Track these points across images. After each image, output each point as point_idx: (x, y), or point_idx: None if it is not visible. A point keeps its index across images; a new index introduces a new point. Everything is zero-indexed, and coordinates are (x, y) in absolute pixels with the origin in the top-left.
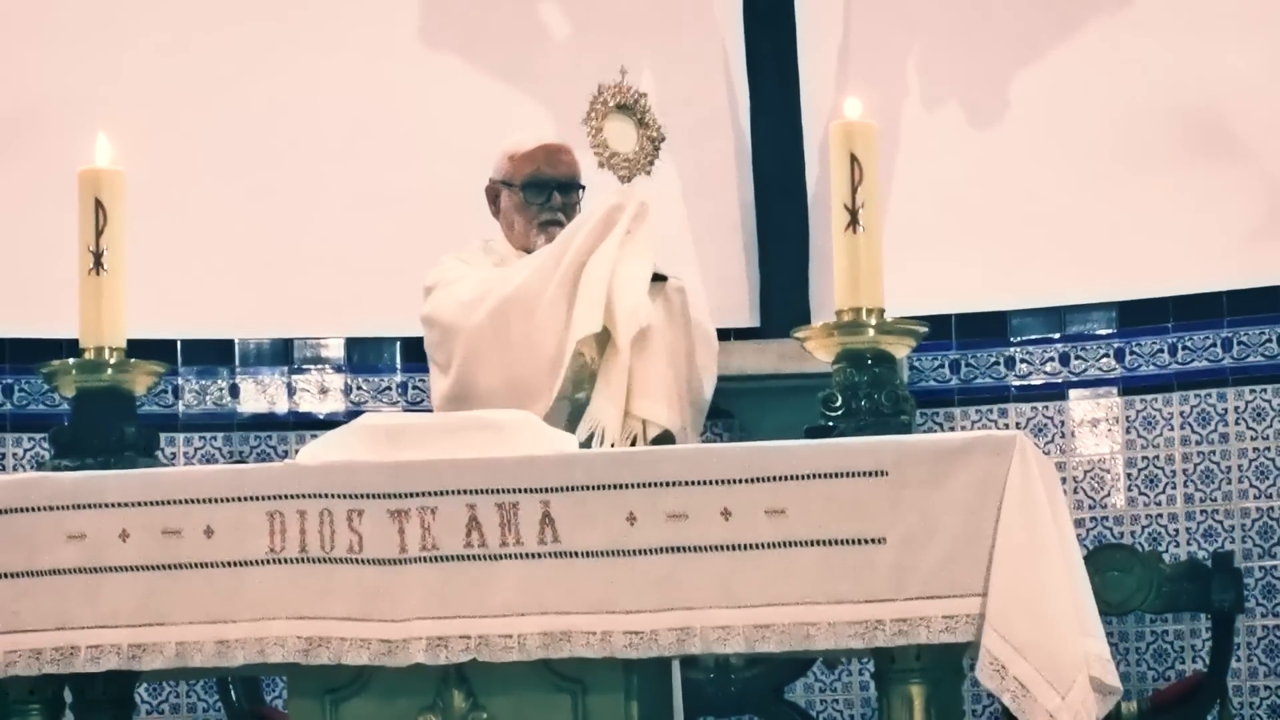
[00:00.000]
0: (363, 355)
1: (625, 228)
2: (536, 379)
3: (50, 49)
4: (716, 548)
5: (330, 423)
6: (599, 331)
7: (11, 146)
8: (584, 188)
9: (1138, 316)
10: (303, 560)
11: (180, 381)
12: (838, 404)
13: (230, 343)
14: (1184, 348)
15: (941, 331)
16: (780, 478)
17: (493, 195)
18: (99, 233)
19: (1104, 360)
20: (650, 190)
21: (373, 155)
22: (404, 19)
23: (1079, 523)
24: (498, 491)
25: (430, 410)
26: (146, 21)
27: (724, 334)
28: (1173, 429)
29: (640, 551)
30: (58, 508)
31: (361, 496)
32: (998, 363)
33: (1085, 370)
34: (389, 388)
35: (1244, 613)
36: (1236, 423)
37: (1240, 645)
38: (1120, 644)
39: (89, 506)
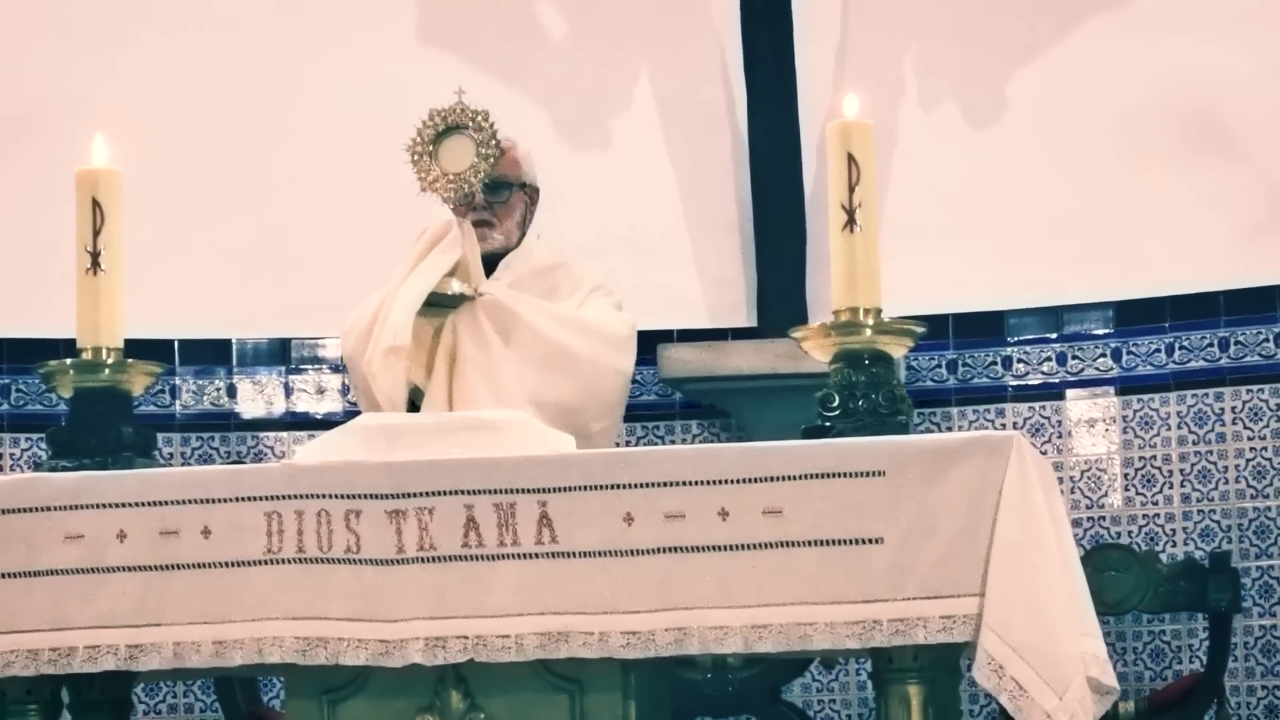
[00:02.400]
0: None
1: (421, 250)
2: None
3: (47, 49)
4: (714, 548)
5: (328, 423)
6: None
7: (9, 147)
8: (525, 186)
9: (1135, 316)
10: (300, 560)
11: (177, 381)
12: (835, 404)
13: (228, 343)
14: (1181, 347)
15: (939, 331)
16: (777, 478)
17: None
18: (96, 233)
19: (1101, 360)
20: (648, 189)
21: (370, 155)
22: (401, 18)
23: (1076, 522)
24: (495, 492)
25: None
26: (143, 21)
27: (721, 334)
28: (1170, 429)
29: (638, 552)
30: (55, 508)
31: (359, 497)
32: (995, 362)
33: (1082, 370)
34: None
35: (1241, 613)
36: (1234, 422)
37: (1237, 645)
38: (1117, 644)
39: (86, 507)
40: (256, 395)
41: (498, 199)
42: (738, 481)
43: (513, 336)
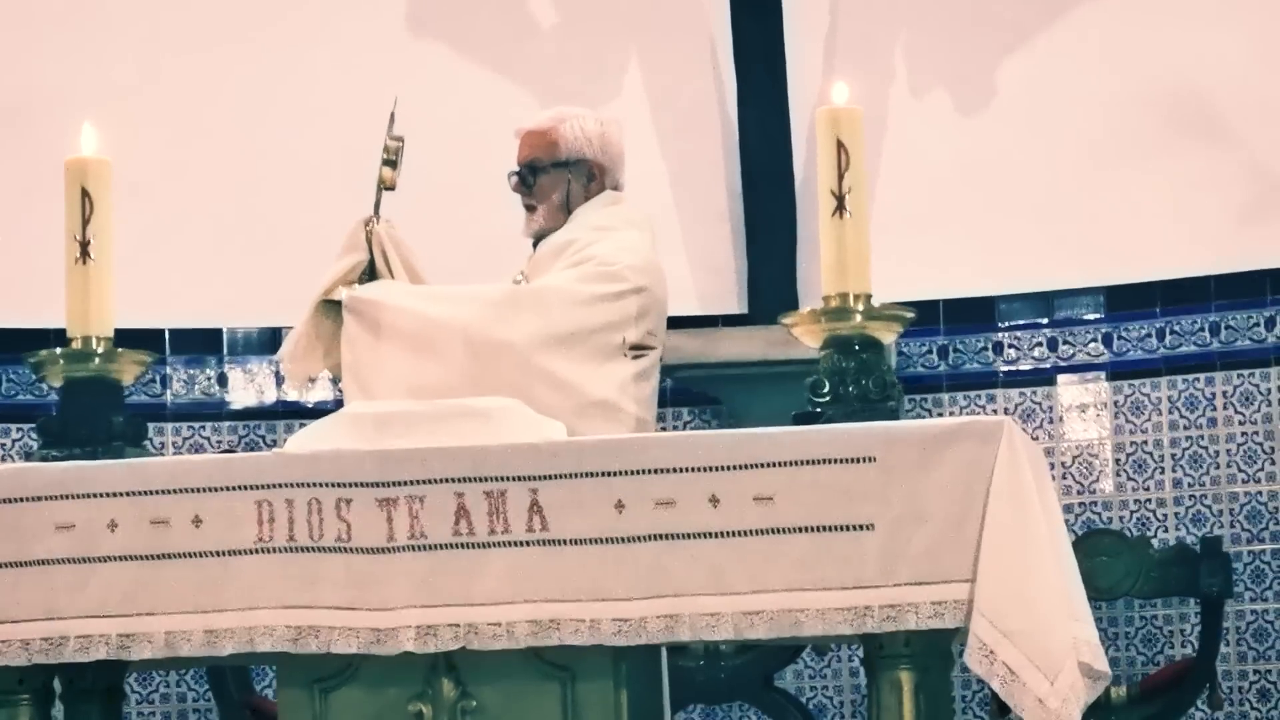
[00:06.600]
0: None
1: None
2: None
3: (36, 39)
4: (705, 535)
5: (319, 411)
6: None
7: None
8: (567, 165)
9: (1125, 301)
10: (291, 549)
11: (168, 371)
12: (825, 390)
13: (218, 332)
14: (1172, 332)
15: (929, 317)
16: (768, 464)
17: None
18: (85, 222)
19: (1092, 345)
20: (638, 178)
21: (360, 144)
22: (391, 8)
23: (1067, 508)
24: (486, 480)
25: None
26: (132, 10)
27: (711, 321)
28: (1161, 414)
29: (629, 539)
30: (46, 498)
31: (349, 485)
32: (985, 348)
33: (1073, 355)
34: None
35: (1233, 597)
36: (1225, 407)
37: (1229, 630)
38: (1109, 629)
39: (77, 496)
40: (247, 384)
41: (531, 182)
42: (728, 468)
43: (382, 327)
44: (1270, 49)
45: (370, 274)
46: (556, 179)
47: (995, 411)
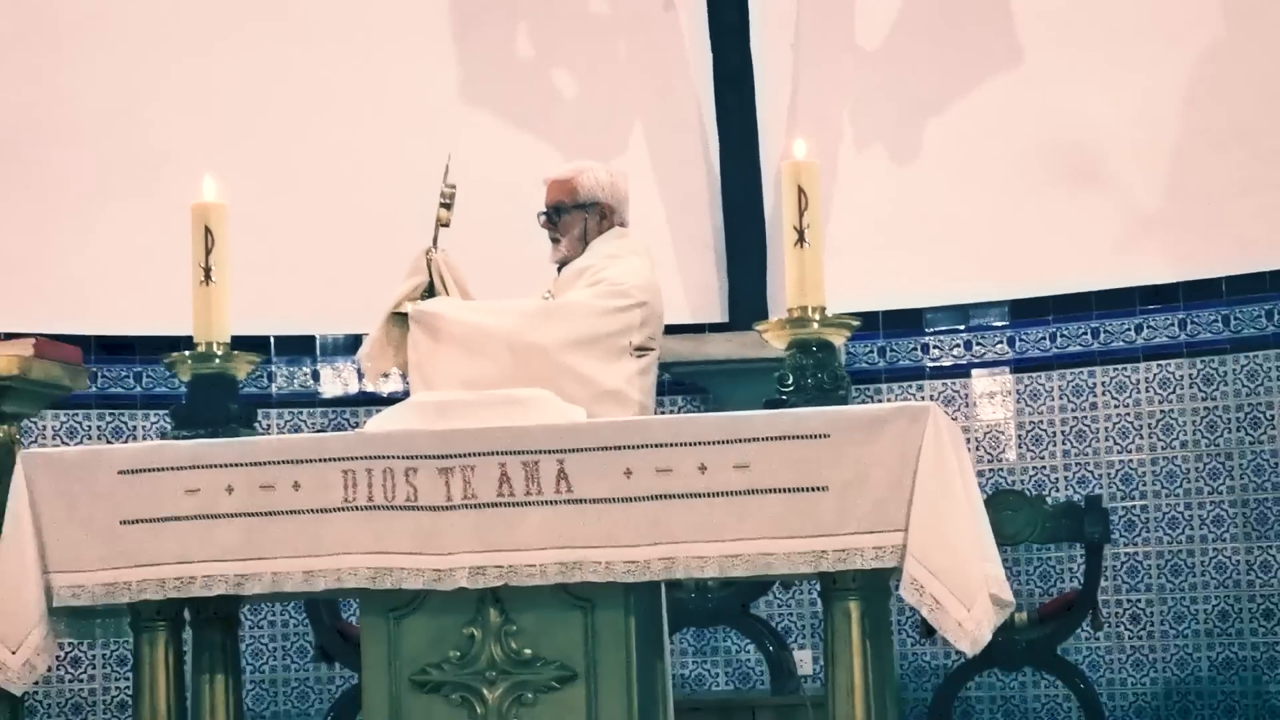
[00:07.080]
0: None
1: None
2: None
3: (161, 107)
4: (696, 495)
5: (391, 400)
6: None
7: (140, 189)
8: (584, 206)
9: (1025, 311)
10: (370, 508)
11: (273, 368)
12: (790, 382)
13: (313, 338)
14: (1061, 336)
15: (871, 324)
16: (745, 440)
17: None
18: (208, 253)
19: (999, 346)
20: (642, 216)
21: (425, 189)
22: (448, 83)
23: (980, 473)
24: (523, 453)
25: None
26: (234, 81)
27: (700, 328)
28: (1053, 399)
29: (636, 498)
30: (178, 468)
31: (416, 457)
32: (915, 349)
33: (984, 354)
34: None
35: (1110, 543)
36: (1103, 394)
37: (1107, 568)
38: (1013, 568)
39: (202, 467)
40: (335, 378)
41: (555, 221)
42: (714, 443)
43: (441, 333)
44: (1140, 112)
45: (429, 292)
46: (576, 218)
47: (923, 398)
